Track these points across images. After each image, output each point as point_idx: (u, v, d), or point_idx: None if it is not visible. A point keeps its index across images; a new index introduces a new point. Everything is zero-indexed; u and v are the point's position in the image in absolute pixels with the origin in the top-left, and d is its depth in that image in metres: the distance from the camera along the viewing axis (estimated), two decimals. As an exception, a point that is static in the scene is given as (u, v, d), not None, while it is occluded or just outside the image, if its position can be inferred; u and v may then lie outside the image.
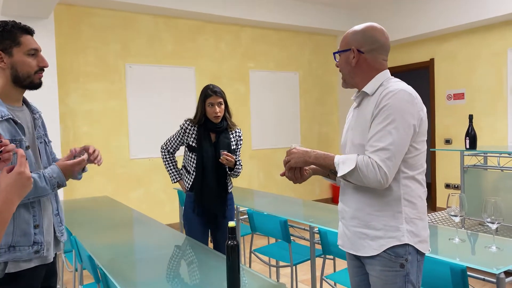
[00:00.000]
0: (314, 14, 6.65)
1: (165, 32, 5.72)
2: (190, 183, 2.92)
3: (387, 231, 1.56)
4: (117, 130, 5.42)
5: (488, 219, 2.08)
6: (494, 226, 2.07)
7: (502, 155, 4.17)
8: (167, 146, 3.07)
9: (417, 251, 1.58)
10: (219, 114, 2.85)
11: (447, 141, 6.28)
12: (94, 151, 1.89)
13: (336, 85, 7.32)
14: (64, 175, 1.73)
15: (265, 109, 6.61)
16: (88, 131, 5.23)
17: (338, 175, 1.56)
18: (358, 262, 1.71)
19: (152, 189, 5.66)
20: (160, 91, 5.70)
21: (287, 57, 6.85)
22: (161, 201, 5.72)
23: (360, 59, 1.64)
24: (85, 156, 1.81)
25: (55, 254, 1.87)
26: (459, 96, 6.08)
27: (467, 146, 3.89)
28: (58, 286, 3.16)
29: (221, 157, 2.77)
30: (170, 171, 3.08)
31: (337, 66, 1.74)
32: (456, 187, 6.14)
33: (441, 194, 6.36)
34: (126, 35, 5.45)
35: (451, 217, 2.23)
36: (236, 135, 3.00)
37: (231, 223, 1.54)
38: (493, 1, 5.34)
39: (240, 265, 1.62)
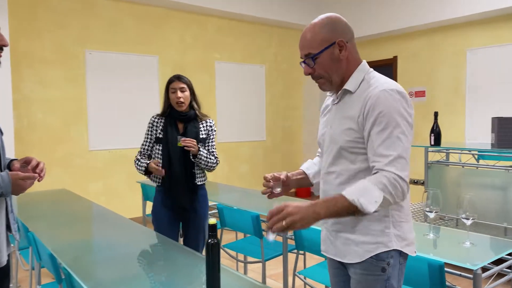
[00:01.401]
0: (281, 7, 6.61)
1: (127, 18, 5.48)
2: (160, 177, 2.79)
3: (373, 236, 1.46)
4: (75, 120, 5.14)
5: (463, 215, 2.10)
6: (468, 222, 2.10)
7: (464, 151, 4.30)
8: (138, 152, 2.86)
9: (400, 254, 1.48)
10: (181, 99, 2.72)
11: (408, 138, 6.44)
12: (38, 164, 1.65)
13: (301, 80, 7.32)
14: (12, 189, 1.53)
15: (230, 102, 6.51)
16: (44, 120, 4.93)
17: (370, 212, 1.32)
18: (339, 264, 1.62)
19: (112, 182, 5.44)
20: (121, 79, 5.46)
21: (253, 49, 6.77)
22: (121, 194, 5.50)
23: (347, 50, 1.48)
24: (32, 175, 1.57)
25: (8, 255, 1.71)
26: (421, 93, 6.24)
27: (432, 143, 3.97)
28: (11, 285, 2.95)
29: (178, 142, 2.64)
30: (140, 167, 2.79)
31: (311, 73, 1.52)
32: (416, 182, 6.31)
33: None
34: (86, 19, 5.17)
35: (427, 213, 2.24)
36: (207, 125, 2.88)
37: (212, 221, 1.45)
38: (452, 3, 5.50)
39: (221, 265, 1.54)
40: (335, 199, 1.34)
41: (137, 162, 2.82)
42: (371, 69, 1.54)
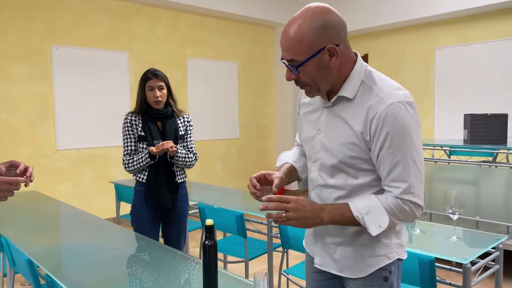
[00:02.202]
0: (254, 3, 6.56)
1: (96, 12, 5.29)
2: (145, 177, 2.69)
3: (375, 249, 1.36)
4: (41, 118, 4.92)
5: (450, 210, 2.13)
6: (455, 217, 2.13)
7: (436, 147, 4.41)
8: (126, 154, 2.70)
9: (399, 260, 1.42)
10: (160, 99, 2.64)
11: (379, 134, 6.57)
12: (26, 169, 1.55)
13: (274, 77, 7.31)
14: None
15: (203, 99, 6.42)
16: (8, 119, 4.68)
17: (372, 234, 1.26)
18: (333, 275, 1.48)
19: (81, 182, 5.24)
20: (90, 76, 5.26)
21: (227, 46, 6.70)
22: (91, 194, 5.31)
23: (339, 57, 1.26)
24: (21, 179, 1.47)
25: None
26: (391, 91, 6.36)
27: (407, 139, 4.04)
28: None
29: (156, 147, 2.54)
30: (139, 161, 2.64)
31: (295, 79, 1.30)
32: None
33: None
34: (53, 13, 4.95)
35: (413, 208, 2.26)
36: (185, 121, 2.82)
37: (209, 221, 1.40)
38: (421, 3, 5.64)
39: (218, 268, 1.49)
40: (342, 209, 1.27)
41: (130, 161, 2.65)
42: (368, 67, 1.33)
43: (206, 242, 1.40)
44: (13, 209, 3.08)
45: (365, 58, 6.64)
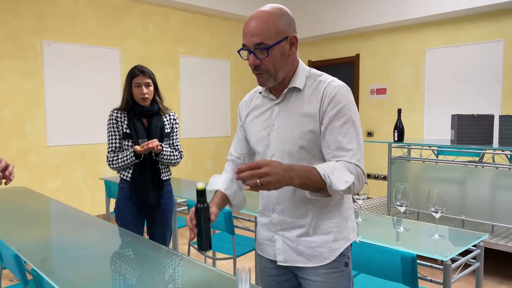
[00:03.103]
0: (246, 1, 6.57)
1: (86, 8, 5.28)
2: (130, 174, 2.70)
3: (337, 233, 1.46)
4: (31, 114, 4.90)
5: (433, 209, 2.18)
6: (437, 215, 2.18)
7: (424, 147, 4.46)
8: (110, 151, 2.71)
9: (351, 244, 1.52)
10: (146, 96, 2.65)
11: (369, 134, 6.62)
12: (7, 167, 1.54)
13: (265, 75, 7.32)
14: None
15: (195, 97, 6.43)
16: (-2, 114, 4.67)
17: (339, 190, 1.30)
18: (289, 271, 1.55)
19: (72, 179, 5.24)
20: (82, 72, 5.26)
21: (219, 44, 6.72)
22: (81, 191, 5.31)
23: (296, 48, 1.42)
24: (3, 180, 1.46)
25: None
26: (382, 91, 6.42)
27: (395, 139, 4.10)
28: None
29: (140, 146, 2.56)
30: (124, 159, 2.66)
31: (258, 65, 1.40)
32: (377, 177, 6.50)
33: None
34: (43, 9, 4.93)
35: (397, 207, 2.31)
36: (171, 119, 2.83)
37: (200, 185, 1.37)
38: (411, 4, 5.69)
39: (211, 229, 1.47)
40: (310, 170, 1.30)
41: (115, 159, 2.67)
42: (306, 66, 1.52)
43: (199, 205, 1.39)
44: (1, 205, 3.08)
45: (356, 58, 6.69)
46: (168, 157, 2.71)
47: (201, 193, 1.38)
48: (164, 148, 2.68)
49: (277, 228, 1.52)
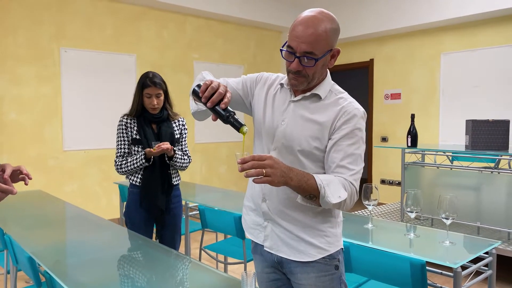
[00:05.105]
0: (259, 8, 6.62)
1: (104, 16, 5.38)
2: (139, 179, 2.74)
3: (324, 237, 1.51)
4: (49, 119, 5.01)
5: (443, 215, 2.16)
6: (448, 222, 2.15)
7: (438, 153, 4.41)
8: (118, 156, 2.76)
9: (342, 250, 1.59)
10: (156, 106, 2.70)
11: (384, 139, 6.57)
12: (19, 169, 1.53)
13: (279, 81, 7.34)
14: None
15: (208, 102, 6.47)
16: (16, 119, 4.78)
17: (330, 203, 1.34)
18: (280, 275, 1.61)
19: (87, 183, 5.33)
20: (98, 78, 5.36)
21: (232, 49, 6.76)
22: (97, 195, 5.40)
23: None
24: (15, 190, 1.45)
25: None
26: (396, 96, 6.37)
27: (409, 144, 4.06)
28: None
29: (153, 148, 2.61)
30: (133, 163, 2.70)
31: (299, 70, 1.41)
32: (391, 183, 6.43)
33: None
34: (62, 16, 5.05)
35: (408, 213, 2.29)
36: (179, 124, 2.87)
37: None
38: (427, 8, 5.64)
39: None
40: (308, 176, 1.34)
41: (123, 163, 2.71)
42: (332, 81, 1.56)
43: (227, 114, 1.34)
44: (17, 208, 3.15)
45: (371, 62, 6.66)
46: (180, 161, 2.78)
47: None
48: (176, 152, 2.73)
49: (266, 216, 1.56)
